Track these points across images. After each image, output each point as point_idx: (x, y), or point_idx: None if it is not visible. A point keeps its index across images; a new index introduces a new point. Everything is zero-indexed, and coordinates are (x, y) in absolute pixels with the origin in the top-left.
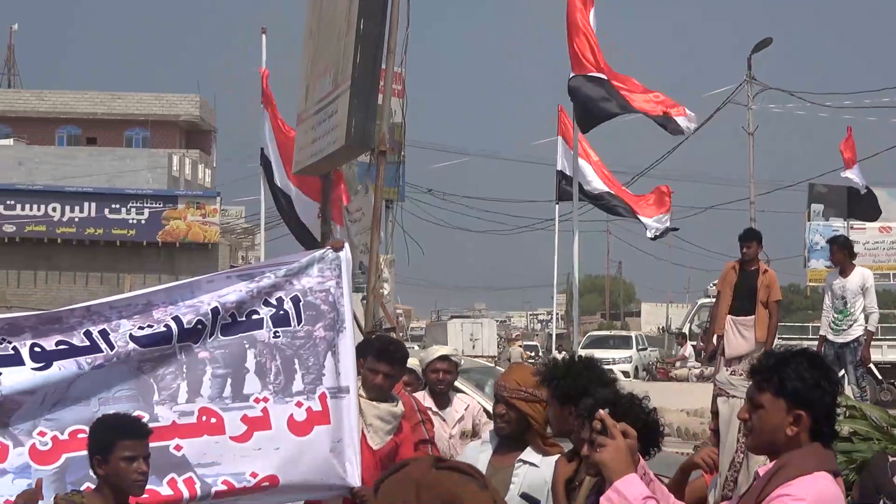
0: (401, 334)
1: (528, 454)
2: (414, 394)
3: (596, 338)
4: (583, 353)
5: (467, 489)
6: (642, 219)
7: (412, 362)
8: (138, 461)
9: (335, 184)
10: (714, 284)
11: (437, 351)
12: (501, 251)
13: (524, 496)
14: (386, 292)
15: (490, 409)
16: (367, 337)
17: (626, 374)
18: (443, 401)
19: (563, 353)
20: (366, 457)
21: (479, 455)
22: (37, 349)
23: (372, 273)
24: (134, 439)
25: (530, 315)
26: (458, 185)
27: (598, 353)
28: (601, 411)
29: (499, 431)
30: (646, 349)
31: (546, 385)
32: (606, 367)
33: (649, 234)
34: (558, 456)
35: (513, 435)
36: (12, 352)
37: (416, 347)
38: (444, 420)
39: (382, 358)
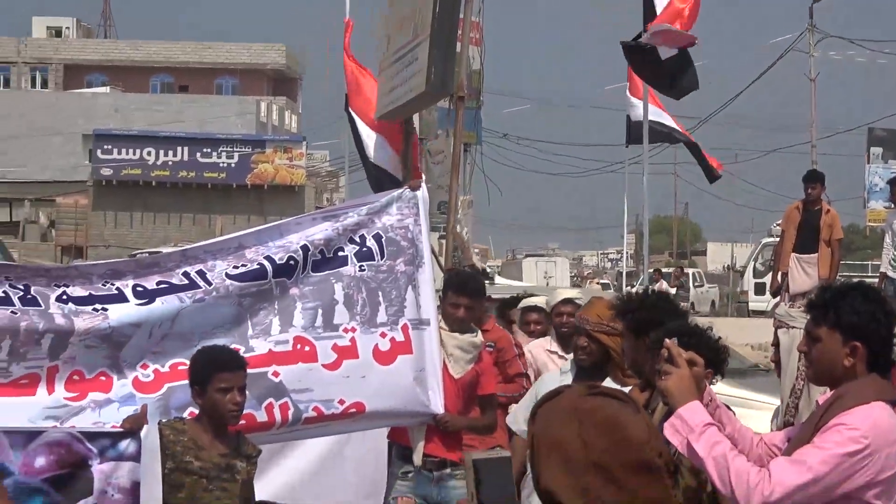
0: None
1: (608, 385)
2: (541, 338)
3: None
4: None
5: (625, 413)
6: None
7: (540, 301)
8: (233, 392)
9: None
10: (778, 224)
11: (562, 294)
12: (573, 193)
13: None
14: (465, 231)
15: None
16: (446, 274)
17: None
18: (569, 344)
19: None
20: (448, 385)
21: (558, 385)
22: (139, 288)
23: (451, 213)
24: (230, 372)
25: (601, 254)
26: (532, 129)
27: None
28: (668, 340)
29: (580, 363)
30: (702, 286)
31: (621, 317)
32: None
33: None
34: (633, 386)
35: (593, 366)
36: (116, 291)
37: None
38: None
39: (462, 291)
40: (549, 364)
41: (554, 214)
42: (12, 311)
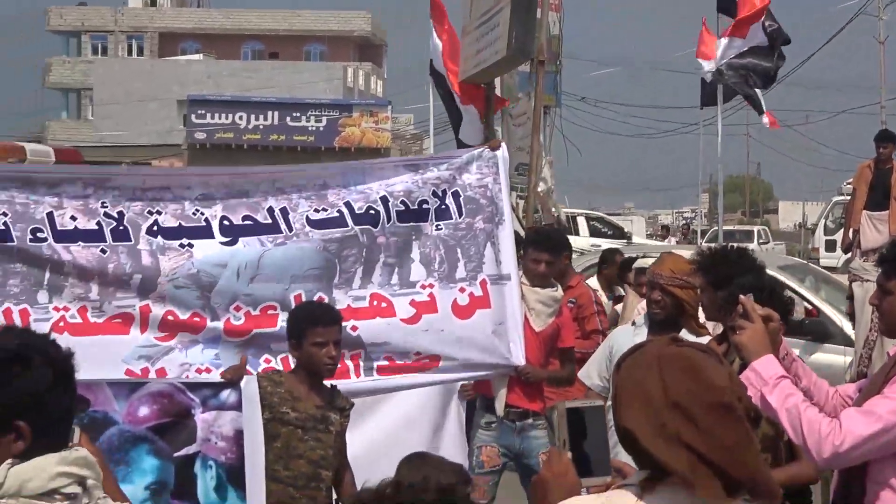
0: None
1: (684, 336)
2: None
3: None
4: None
5: (707, 360)
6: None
7: (646, 264)
8: (328, 346)
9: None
10: (849, 183)
11: None
12: (648, 154)
13: None
14: (551, 191)
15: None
16: (527, 231)
17: None
18: None
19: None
20: (529, 338)
21: (633, 338)
22: (226, 223)
23: (533, 173)
24: (324, 326)
25: (675, 213)
26: (609, 93)
27: None
28: (743, 297)
29: (654, 317)
30: (767, 242)
31: (702, 272)
32: None
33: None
34: (710, 338)
35: (667, 320)
36: (204, 223)
37: None
38: None
39: (542, 248)
40: None
41: (629, 175)
42: (101, 251)
